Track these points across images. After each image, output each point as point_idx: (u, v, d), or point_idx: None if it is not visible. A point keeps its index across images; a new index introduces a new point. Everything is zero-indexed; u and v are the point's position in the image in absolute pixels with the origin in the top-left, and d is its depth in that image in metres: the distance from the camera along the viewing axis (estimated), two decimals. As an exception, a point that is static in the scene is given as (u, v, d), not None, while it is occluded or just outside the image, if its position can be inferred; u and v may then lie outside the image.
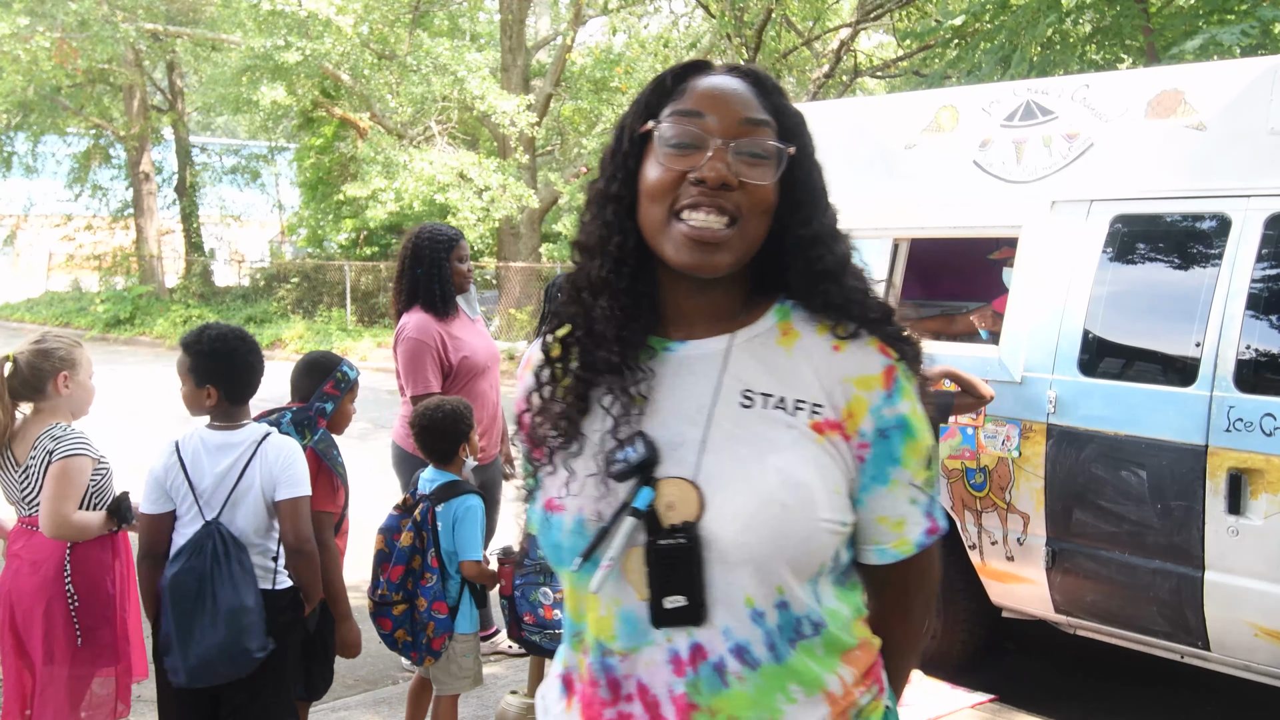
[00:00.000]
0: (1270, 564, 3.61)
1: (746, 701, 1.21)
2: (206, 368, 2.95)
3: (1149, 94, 4.11)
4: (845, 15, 16.17)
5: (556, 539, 1.26)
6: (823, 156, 1.40)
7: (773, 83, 1.33)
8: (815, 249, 1.30)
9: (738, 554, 1.20)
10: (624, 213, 1.27)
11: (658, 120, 1.26)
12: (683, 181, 1.22)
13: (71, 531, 3.06)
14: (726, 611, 1.21)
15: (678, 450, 1.24)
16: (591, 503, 1.24)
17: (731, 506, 1.21)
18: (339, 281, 20.07)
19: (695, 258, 1.22)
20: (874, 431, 1.27)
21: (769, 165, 1.26)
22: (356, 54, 16.37)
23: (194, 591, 2.80)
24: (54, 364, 3.15)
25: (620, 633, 1.23)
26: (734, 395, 1.27)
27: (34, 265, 28.29)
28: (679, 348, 1.30)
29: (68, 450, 3.07)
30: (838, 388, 1.27)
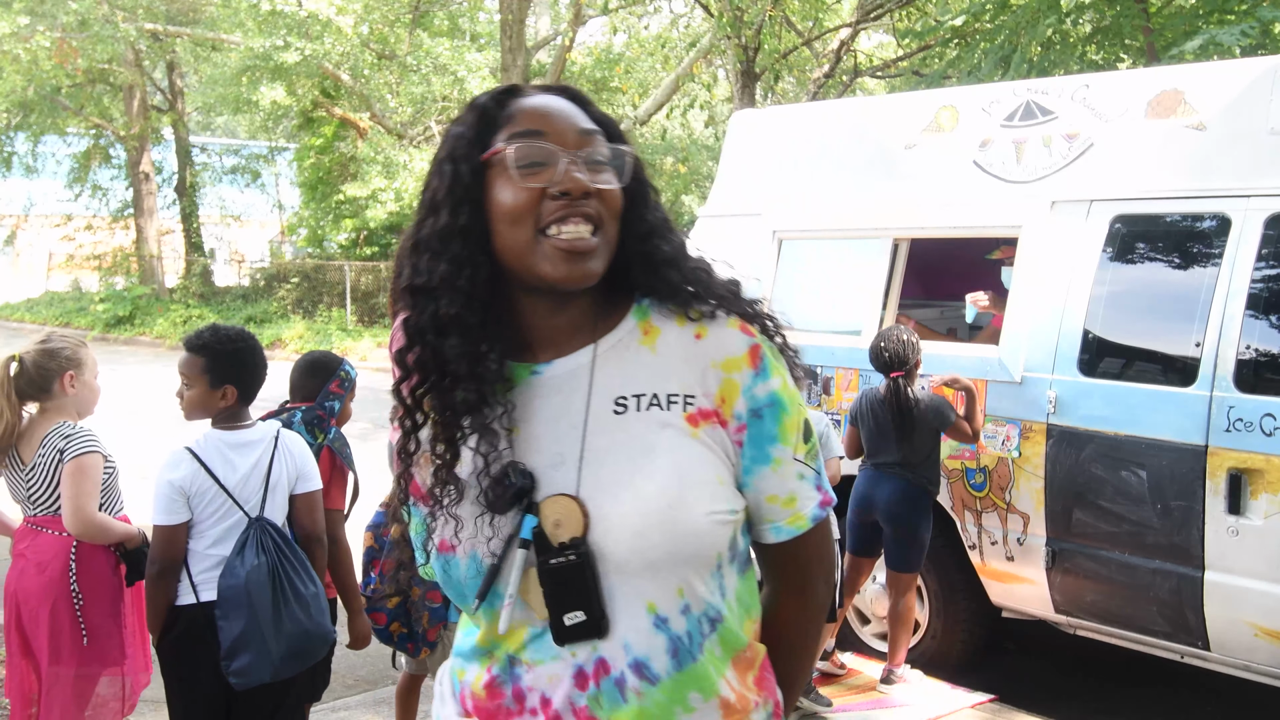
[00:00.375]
0: (1270, 564, 3.61)
1: (643, 715, 1.23)
2: (225, 367, 2.93)
3: (1149, 94, 4.11)
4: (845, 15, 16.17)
5: (456, 579, 1.27)
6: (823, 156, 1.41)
7: (585, 95, 1.36)
8: (653, 240, 1.32)
9: (634, 562, 1.22)
10: (474, 244, 1.25)
11: (500, 145, 1.26)
12: (542, 199, 1.23)
13: (95, 530, 3.06)
14: (628, 622, 1.23)
15: (558, 470, 1.26)
16: (484, 540, 1.25)
17: (618, 516, 1.23)
18: (339, 281, 20.07)
19: (571, 269, 1.23)
20: (748, 412, 1.29)
21: (610, 171, 1.28)
22: (356, 54, 16.39)
23: (267, 585, 2.81)
24: (60, 363, 3.16)
25: (530, 646, 1.26)
26: (606, 404, 1.28)
27: (34, 265, 28.29)
28: (545, 369, 1.31)
29: (80, 448, 3.08)
30: (707, 374, 1.29)
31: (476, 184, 1.27)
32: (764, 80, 15.03)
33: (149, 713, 3.99)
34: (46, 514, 3.14)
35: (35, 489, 3.13)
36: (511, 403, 1.29)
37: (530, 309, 1.30)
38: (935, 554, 4.59)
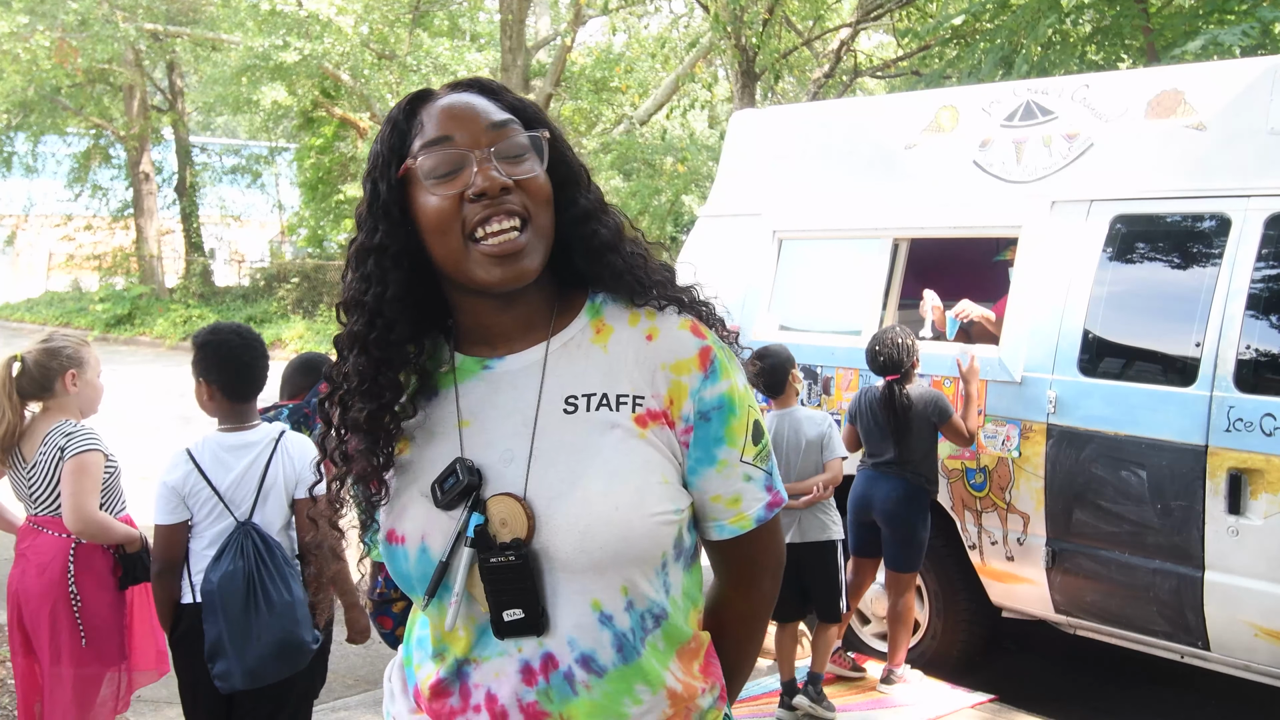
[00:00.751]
0: (1270, 564, 3.61)
1: (594, 708, 1.24)
2: (200, 363, 2.94)
3: (1149, 94, 4.11)
4: (845, 15, 16.17)
5: (404, 569, 1.28)
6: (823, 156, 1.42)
7: (497, 84, 1.34)
8: (589, 224, 1.32)
9: (579, 562, 1.23)
10: (387, 262, 1.27)
11: (411, 157, 1.26)
12: (461, 203, 1.23)
13: (95, 528, 3.06)
14: (571, 620, 1.24)
15: (508, 467, 1.26)
16: (432, 535, 1.26)
17: (565, 518, 1.23)
18: (339, 282, 20.04)
19: (505, 272, 1.23)
20: (695, 415, 1.29)
21: (532, 157, 1.27)
22: (356, 54, 16.38)
23: (244, 592, 2.79)
24: (61, 362, 3.16)
25: (476, 642, 1.26)
26: (557, 403, 1.28)
27: (34, 265, 28.27)
28: (497, 364, 1.31)
29: (81, 446, 3.08)
30: (657, 375, 1.29)
31: (394, 200, 1.27)
32: (764, 80, 15.03)
33: (149, 713, 3.99)
34: (47, 514, 3.14)
35: (36, 488, 3.13)
36: (413, 410, 1.31)
37: (476, 309, 1.31)
38: (935, 554, 4.59)
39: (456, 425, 1.29)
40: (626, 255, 1.33)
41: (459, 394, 1.31)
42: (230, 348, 2.95)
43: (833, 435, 4.20)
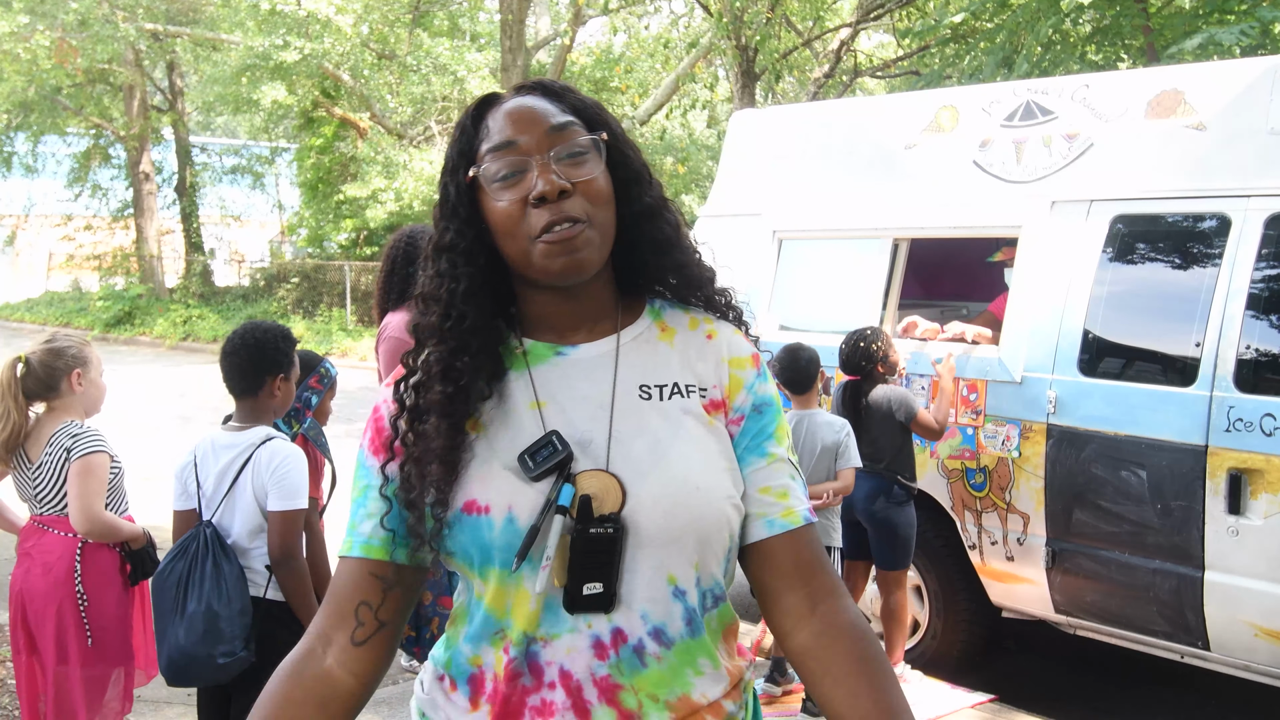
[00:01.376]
0: (1270, 564, 3.61)
1: (663, 678, 1.27)
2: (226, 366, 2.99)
3: (1149, 94, 4.11)
4: (845, 15, 16.17)
5: (486, 538, 1.27)
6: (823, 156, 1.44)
7: (561, 85, 1.39)
8: (652, 221, 1.38)
9: (660, 538, 1.27)
10: (459, 259, 1.33)
11: (478, 163, 1.32)
12: (525, 207, 1.28)
13: (103, 528, 3.06)
14: (645, 594, 1.27)
15: (588, 447, 1.30)
16: (520, 500, 1.27)
17: (650, 494, 1.27)
18: (339, 281, 20.07)
19: (565, 263, 1.28)
20: (749, 407, 1.37)
21: (591, 159, 1.32)
22: (356, 54, 16.39)
23: (171, 592, 2.80)
24: (67, 362, 3.17)
25: (545, 619, 1.27)
26: (631, 390, 1.34)
27: (34, 265, 28.28)
28: (570, 351, 1.37)
29: (87, 447, 3.08)
30: (720, 367, 1.38)
31: (462, 201, 1.33)
32: (764, 80, 15.03)
33: (149, 713, 3.99)
34: (52, 513, 3.14)
35: (42, 488, 3.13)
36: (494, 393, 1.35)
37: (544, 300, 1.36)
38: (935, 554, 4.60)
39: (532, 406, 1.33)
40: (686, 251, 1.41)
41: (533, 376, 1.35)
42: (224, 347, 3.00)
43: (849, 444, 4.19)
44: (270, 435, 2.94)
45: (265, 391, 2.96)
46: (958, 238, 4.89)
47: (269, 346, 2.97)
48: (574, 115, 1.34)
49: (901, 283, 4.92)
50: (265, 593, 2.91)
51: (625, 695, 1.26)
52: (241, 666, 2.82)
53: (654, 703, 1.27)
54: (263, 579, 2.92)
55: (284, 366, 2.99)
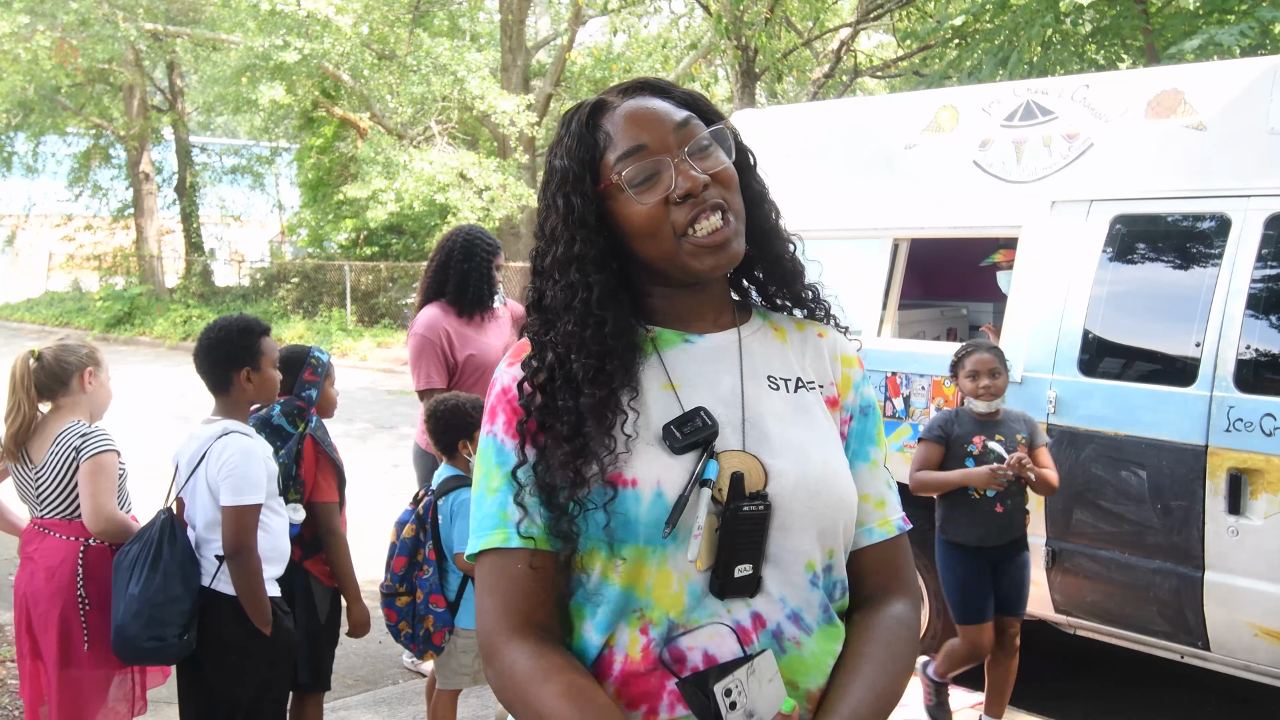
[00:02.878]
0: (1270, 564, 3.61)
1: (803, 665, 1.28)
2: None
3: (1149, 94, 4.11)
4: (845, 15, 16.18)
5: (634, 512, 1.26)
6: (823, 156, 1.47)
7: (664, 81, 1.41)
8: (761, 207, 1.43)
9: (803, 520, 1.28)
10: (589, 268, 1.33)
11: (613, 172, 1.32)
12: (667, 206, 1.30)
13: (116, 528, 3.06)
14: (784, 579, 1.28)
15: (724, 429, 1.31)
16: (667, 475, 1.27)
17: (792, 476, 1.29)
18: (339, 282, 20.07)
19: (716, 259, 1.31)
20: (857, 407, 1.41)
21: (716, 147, 1.35)
22: (356, 54, 16.37)
23: (124, 571, 2.87)
24: (81, 359, 3.18)
25: (689, 606, 1.26)
26: (760, 379, 1.36)
27: (34, 265, 28.28)
28: (698, 340, 1.39)
29: (98, 446, 3.08)
30: (834, 365, 1.42)
31: (590, 210, 1.33)
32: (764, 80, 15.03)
33: (151, 713, 3.99)
34: (54, 516, 3.13)
35: (45, 489, 3.11)
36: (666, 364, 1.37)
37: (672, 295, 1.39)
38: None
39: (666, 387, 1.34)
40: (783, 242, 1.45)
41: (665, 360, 1.36)
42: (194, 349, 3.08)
43: None
44: (228, 430, 2.95)
45: (235, 386, 3.01)
46: (958, 238, 4.88)
47: (226, 343, 3.01)
48: (688, 109, 1.36)
49: (901, 283, 4.91)
50: (211, 582, 2.94)
51: None
52: (174, 654, 2.88)
53: (792, 690, 1.26)
54: (213, 568, 2.94)
55: (247, 359, 3.02)
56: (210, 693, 2.99)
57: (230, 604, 2.92)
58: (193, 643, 2.87)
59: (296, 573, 3.29)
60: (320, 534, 3.35)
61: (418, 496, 3.57)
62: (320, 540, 3.36)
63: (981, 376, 3.78)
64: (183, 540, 2.90)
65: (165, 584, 2.83)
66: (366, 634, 3.48)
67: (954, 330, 5.97)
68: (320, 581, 3.40)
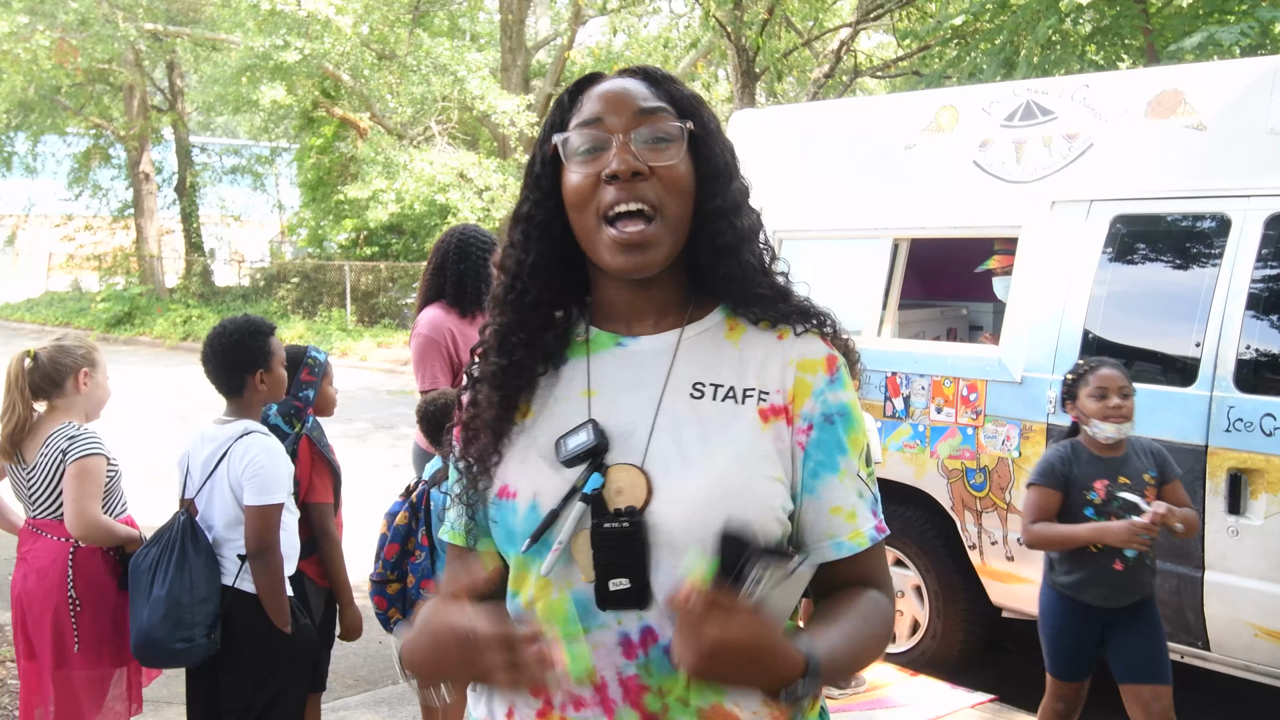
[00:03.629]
0: (1270, 564, 3.61)
1: (695, 683, 1.20)
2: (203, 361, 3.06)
3: (1149, 94, 4.11)
4: (845, 15, 16.18)
5: (510, 524, 1.28)
6: (823, 156, 1.43)
7: (663, 73, 1.36)
8: (717, 223, 1.33)
9: (684, 538, 1.22)
10: (534, 230, 1.33)
11: (562, 135, 1.31)
12: (599, 183, 1.27)
13: (97, 532, 3.05)
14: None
15: (629, 439, 1.28)
16: (545, 488, 1.27)
17: (680, 492, 1.24)
18: (339, 282, 20.08)
19: (627, 260, 1.27)
20: (818, 416, 1.31)
21: (674, 146, 1.29)
22: (356, 54, 16.38)
23: (143, 576, 2.86)
24: (76, 360, 3.16)
25: (572, 615, 1.24)
26: (684, 386, 1.31)
27: (34, 265, 28.28)
28: (630, 343, 1.35)
29: (85, 449, 3.07)
30: (785, 371, 1.32)
31: (547, 174, 1.33)
32: (764, 80, 15.03)
33: (149, 713, 3.99)
34: (46, 516, 3.13)
35: (36, 489, 3.12)
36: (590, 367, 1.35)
37: (610, 287, 1.35)
38: (935, 554, 4.59)
39: (583, 394, 1.32)
40: (742, 262, 1.34)
41: (590, 365, 1.34)
42: (202, 354, 3.07)
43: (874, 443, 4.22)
44: (249, 429, 2.96)
45: (249, 389, 3.02)
46: (958, 238, 4.89)
47: (239, 347, 3.01)
48: (668, 103, 1.32)
49: (901, 283, 4.92)
50: (235, 582, 2.94)
51: (649, 698, 1.23)
52: (202, 654, 2.87)
53: (683, 707, 1.23)
54: (234, 568, 2.94)
55: (260, 361, 3.02)
56: (218, 692, 2.99)
57: (255, 603, 2.94)
58: (218, 642, 2.88)
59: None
60: (314, 535, 3.34)
61: (409, 488, 3.57)
62: (314, 541, 3.35)
63: (1111, 395, 3.24)
64: (204, 541, 2.91)
65: (193, 584, 2.85)
66: (359, 638, 3.47)
67: (954, 330, 5.97)
68: (314, 582, 3.40)
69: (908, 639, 4.76)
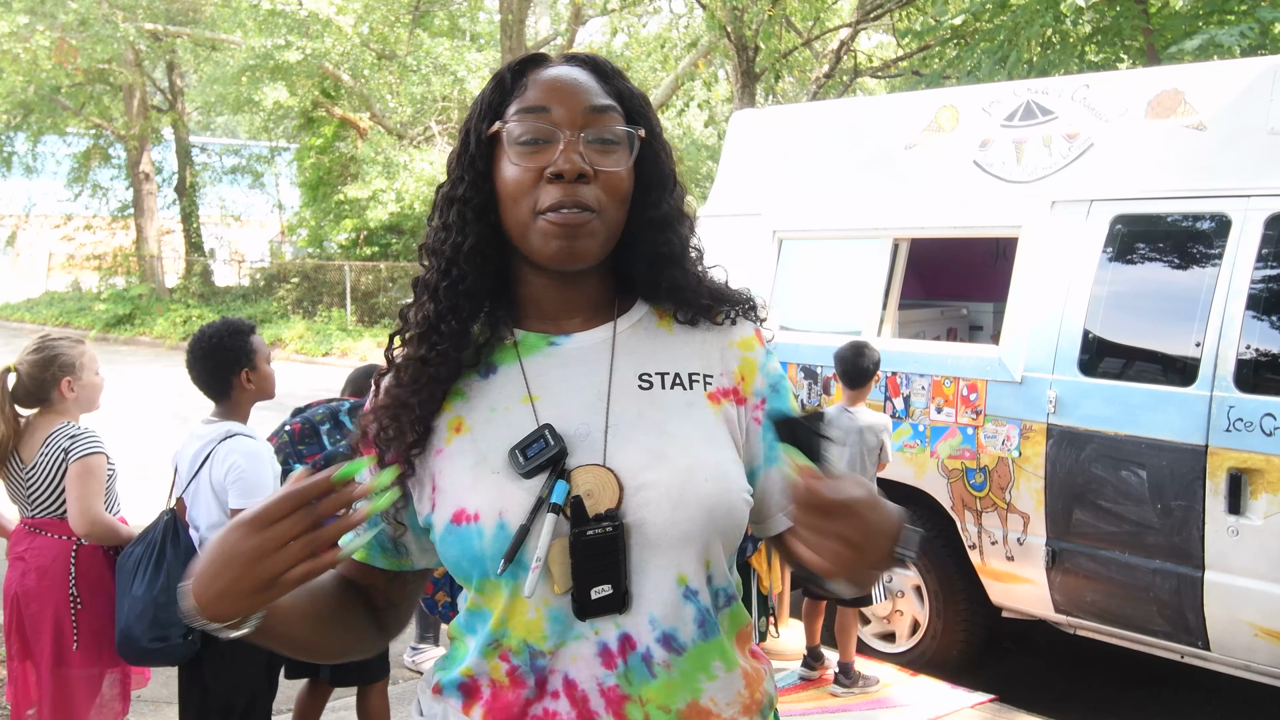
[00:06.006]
0: (1270, 564, 3.61)
1: (672, 686, 1.20)
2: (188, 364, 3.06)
3: (1149, 94, 4.11)
4: (845, 15, 16.17)
5: (477, 548, 1.20)
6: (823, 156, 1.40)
7: (612, 67, 1.31)
8: (661, 233, 1.29)
9: (670, 533, 1.19)
10: (470, 213, 1.26)
11: (504, 119, 1.25)
12: (540, 178, 1.21)
13: (103, 530, 3.06)
14: (655, 596, 1.20)
15: (585, 440, 1.23)
16: (510, 503, 1.20)
17: (656, 489, 1.20)
18: (339, 281, 20.07)
19: (561, 246, 1.21)
20: (768, 388, 1.31)
21: (621, 151, 1.25)
22: (356, 54, 16.39)
23: (128, 572, 2.87)
24: (54, 373, 3.14)
25: (550, 631, 1.20)
26: (630, 379, 1.27)
27: (34, 265, 28.28)
28: (564, 341, 1.29)
29: (86, 448, 3.08)
30: (726, 352, 1.31)
31: (482, 156, 1.26)
32: (764, 80, 15.03)
33: (149, 713, 3.99)
34: (45, 516, 3.13)
35: (36, 489, 3.12)
36: (494, 365, 1.28)
37: (538, 283, 1.29)
38: (935, 554, 4.59)
39: (524, 400, 1.26)
40: (687, 272, 1.32)
41: (525, 368, 1.28)
42: (185, 360, 3.07)
43: (888, 443, 4.33)
44: (232, 432, 2.96)
45: (236, 389, 3.02)
46: (958, 238, 4.89)
47: (221, 349, 3.00)
48: (617, 101, 1.27)
49: (901, 283, 4.92)
50: None
51: (631, 707, 1.19)
52: (179, 654, 2.87)
53: (663, 714, 1.20)
54: None
55: (243, 360, 3.01)
56: (207, 693, 3.00)
57: None
58: (196, 643, 2.87)
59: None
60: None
61: None
62: None
63: None
64: (186, 541, 2.90)
65: (169, 584, 2.83)
66: None
67: (954, 330, 5.97)
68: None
69: (908, 639, 4.76)
